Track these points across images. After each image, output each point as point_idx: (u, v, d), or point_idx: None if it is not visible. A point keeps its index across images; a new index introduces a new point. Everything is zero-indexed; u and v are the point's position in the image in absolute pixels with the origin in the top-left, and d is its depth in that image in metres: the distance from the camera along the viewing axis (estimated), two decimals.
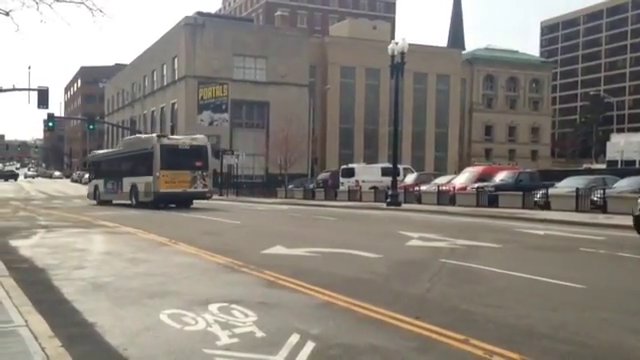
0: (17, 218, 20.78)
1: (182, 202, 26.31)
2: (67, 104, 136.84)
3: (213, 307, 6.28)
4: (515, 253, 11.35)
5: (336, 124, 68.42)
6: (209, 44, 56.49)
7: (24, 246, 12.14)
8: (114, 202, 29.83)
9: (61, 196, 43.23)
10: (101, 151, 41.32)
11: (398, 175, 29.34)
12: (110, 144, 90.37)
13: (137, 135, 33.60)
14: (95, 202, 31.77)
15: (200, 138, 28.05)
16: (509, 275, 8.51)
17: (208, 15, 67.40)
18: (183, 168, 25.46)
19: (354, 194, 33.81)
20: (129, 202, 27.60)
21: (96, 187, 32.54)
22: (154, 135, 28.32)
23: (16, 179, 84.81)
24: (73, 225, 17.47)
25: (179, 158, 25.50)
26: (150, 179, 25.40)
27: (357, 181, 36.09)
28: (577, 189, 21.79)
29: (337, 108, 68.13)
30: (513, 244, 12.52)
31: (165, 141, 26.22)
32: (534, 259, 10.47)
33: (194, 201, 27.36)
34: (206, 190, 26.65)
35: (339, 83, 67.43)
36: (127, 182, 27.77)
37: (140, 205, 26.34)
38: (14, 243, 12.70)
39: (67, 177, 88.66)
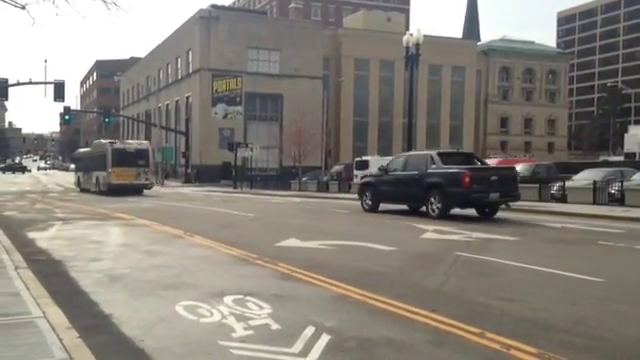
0: (34, 210, 20.99)
1: (130, 191, 32.02)
2: (83, 97, 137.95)
3: (228, 299, 6.29)
4: (532, 246, 11.25)
5: (350, 116, 68.27)
6: (223, 37, 56.56)
7: (41, 238, 12.26)
8: (90, 190, 35.59)
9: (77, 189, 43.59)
10: (82, 150, 48.71)
11: None
12: (125, 137, 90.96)
13: (100, 140, 41.32)
14: (79, 190, 38.58)
15: (144, 143, 37.35)
16: (526, 268, 8.44)
17: (222, 8, 67.44)
18: (129, 166, 32.59)
19: None
20: (95, 190, 34.40)
21: (79, 178, 40.26)
22: (107, 141, 35.68)
23: (23, 172, 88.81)
24: (89, 217, 17.61)
25: (126, 158, 32.75)
26: (105, 174, 32.59)
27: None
28: (594, 182, 21.54)
29: (351, 100, 67.96)
30: (529, 237, 12.41)
31: (115, 146, 33.85)
32: (551, 252, 10.37)
33: (145, 190, 33.74)
34: (148, 182, 34.13)
35: (353, 75, 67.23)
36: (94, 175, 35.07)
37: (101, 193, 32.88)
38: (31, 235, 12.83)
39: None
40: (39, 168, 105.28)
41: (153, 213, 19.08)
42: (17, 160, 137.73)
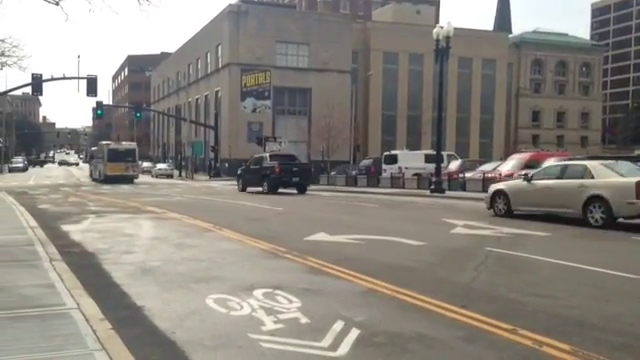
0: (68, 204, 21.41)
1: (122, 181, 41.14)
2: (115, 92, 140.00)
3: (258, 292, 6.33)
4: (565, 241, 11.05)
5: (378, 110, 67.91)
6: (252, 31, 56.75)
7: (75, 231, 12.50)
8: (96, 179, 46.01)
9: (90, 178, 44.69)
10: (93, 148, 60.76)
11: (442, 162, 28.93)
12: (156, 132, 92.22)
13: (102, 142, 54.04)
14: (90, 179, 48.66)
15: (132, 144, 48.56)
16: (558, 264, 8.30)
17: (251, 2, 67.53)
18: (120, 161, 43.17)
19: (397, 181, 33.54)
20: (97, 178, 45.39)
21: (91, 170, 52.23)
22: (105, 143, 49.74)
23: (42, 166, 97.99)
24: (121, 211, 17.89)
25: (118, 156, 43.48)
26: (103, 167, 43.76)
27: (400, 168, 35.73)
28: None
29: (379, 94, 67.58)
30: (561, 232, 12.20)
31: (110, 146, 45.58)
32: (584, 248, 10.18)
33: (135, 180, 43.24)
34: (135, 174, 44.30)
35: (382, 69, 66.80)
36: (98, 167, 46.59)
37: (101, 182, 42.67)
38: (65, 228, 13.09)
39: None
40: (60, 162, 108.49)
41: (183, 207, 19.30)
42: (51, 154, 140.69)
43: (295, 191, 27.93)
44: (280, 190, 27.72)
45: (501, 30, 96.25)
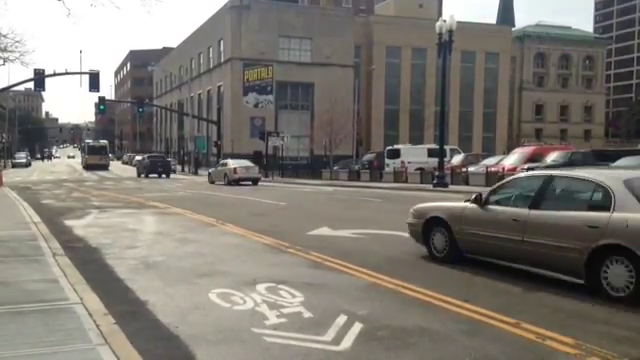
0: (71, 199, 21.45)
1: (98, 169, 57.27)
2: (117, 87, 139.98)
3: (261, 287, 6.33)
4: None
5: (381, 105, 67.80)
6: (254, 26, 56.63)
7: (78, 226, 12.52)
8: (83, 166, 62.52)
9: (112, 177, 44.46)
10: (83, 144, 79.63)
11: (445, 156, 28.87)
12: (159, 127, 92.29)
13: (86, 140, 73.74)
14: (82, 167, 63.37)
15: (104, 142, 68.17)
16: None
17: None
18: (95, 154, 61.32)
19: (400, 175, 33.48)
20: (83, 166, 62.53)
21: (81, 160, 68.47)
22: (87, 141, 71.14)
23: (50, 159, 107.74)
24: (124, 206, 17.92)
25: (94, 150, 62.45)
26: (85, 158, 63.19)
27: (403, 162, 35.65)
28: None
29: (382, 89, 67.46)
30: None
31: (89, 144, 66.80)
32: None
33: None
34: (106, 163, 61.61)
35: (384, 63, 66.65)
36: (83, 159, 66.32)
37: (84, 169, 59.57)
38: (69, 223, 13.12)
39: (118, 159, 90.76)
40: (69, 157, 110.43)
41: (186, 202, 19.31)
42: (54, 150, 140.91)
43: (305, 188, 27.78)
44: (281, 186, 27.62)
45: (504, 23, 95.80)
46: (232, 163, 33.66)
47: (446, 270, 7.51)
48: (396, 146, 41.26)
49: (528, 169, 24.58)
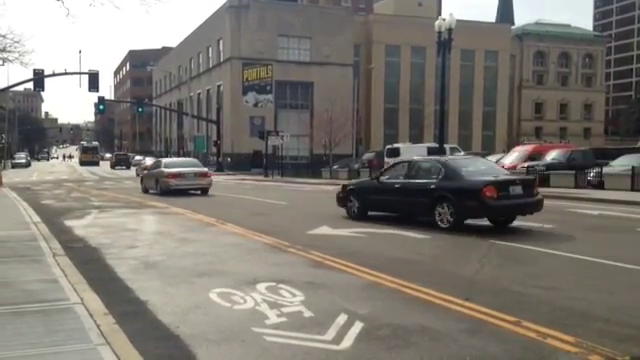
0: (71, 199, 21.44)
1: (90, 165, 68.59)
2: (117, 87, 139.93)
3: (261, 286, 6.33)
4: (568, 233, 11.01)
5: (381, 104, 67.76)
6: (253, 25, 56.57)
7: (78, 226, 12.52)
8: (79, 163, 73.90)
9: (112, 177, 44.43)
10: (80, 144, 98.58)
11: (444, 155, 28.90)
12: (158, 126, 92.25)
13: (82, 142, 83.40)
14: (79, 164, 74.77)
15: (95, 143, 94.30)
16: (562, 256, 8.28)
17: None
18: (88, 153, 78.16)
19: None
20: (79, 162, 76.65)
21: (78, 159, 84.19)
22: (82, 142, 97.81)
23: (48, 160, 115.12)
24: (124, 206, 17.91)
25: (88, 149, 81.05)
26: (80, 156, 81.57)
27: None
28: (632, 168, 20.95)
29: (382, 87, 67.40)
30: (566, 225, 12.15)
31: (83, 145, 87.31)
32: (588, 240, 10.15)
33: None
34: (97, 160, 76.88)
35: (384, 62, 66.59)
36: (79, 157, 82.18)
37: (80, 164, 73.11)
38: (69, 223, 13.11)
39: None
40: (70, 156, 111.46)
41: (186, 202, 19.30)
42: (53, 150, 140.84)
43: (305, 188, 27.82)
44: (281, 185, 27.60)
45: (503, 22, 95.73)
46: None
47: (448, 269, 7.52)
48: (396, 145, 41.24)
49: (528, 167, 24.67)
